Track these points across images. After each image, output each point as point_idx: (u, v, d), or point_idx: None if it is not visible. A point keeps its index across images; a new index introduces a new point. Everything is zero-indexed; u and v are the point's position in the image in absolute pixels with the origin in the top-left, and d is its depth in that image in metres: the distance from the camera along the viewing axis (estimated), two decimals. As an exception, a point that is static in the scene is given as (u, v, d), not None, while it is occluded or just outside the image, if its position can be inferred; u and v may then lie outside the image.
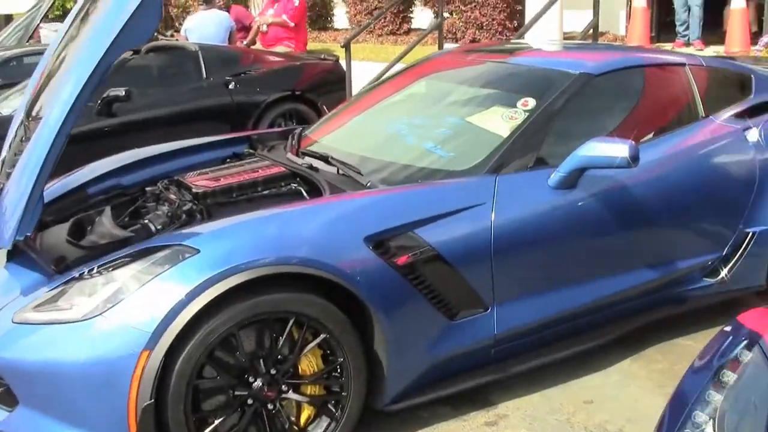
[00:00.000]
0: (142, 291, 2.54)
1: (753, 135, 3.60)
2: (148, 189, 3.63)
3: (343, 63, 7.49)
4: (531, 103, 3.41)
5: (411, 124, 3.74)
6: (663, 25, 9.67)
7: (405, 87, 4.22)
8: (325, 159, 3.48)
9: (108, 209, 3.40)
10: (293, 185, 3.38)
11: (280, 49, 8.74)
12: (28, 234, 2.81)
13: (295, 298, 2.67)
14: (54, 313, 2.61)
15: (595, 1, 7.02)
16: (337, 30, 13.05)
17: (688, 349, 3.59)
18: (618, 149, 3.06)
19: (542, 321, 3.20)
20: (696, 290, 3.60)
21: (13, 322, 2.66)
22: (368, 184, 3.20)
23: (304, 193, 3.30)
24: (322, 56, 7.83)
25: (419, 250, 2.88)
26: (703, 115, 3.67)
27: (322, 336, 2.73)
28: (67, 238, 3.17)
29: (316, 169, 3.44)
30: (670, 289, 3.57)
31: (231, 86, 6.73)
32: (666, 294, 3.56)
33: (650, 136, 3.54)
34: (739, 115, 3.70)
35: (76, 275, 2.71)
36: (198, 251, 2.60)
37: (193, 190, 3.31)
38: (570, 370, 3.39)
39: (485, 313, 3.06)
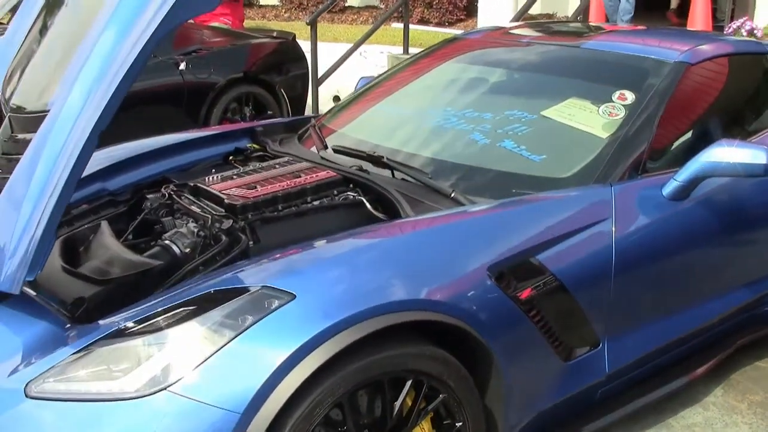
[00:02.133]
0: (220, 356, 1.84)
1: None
2: (150, 197, 2.88)
3: (301, 42, 6.76)
4: (629, 96, 2.87)
5: (465, 117, 3.12)
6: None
7: (438, 71, 3.60)
8: (375, 159, 2.84)
9: (105, 224, 2.65)
10: (351, 195, 2.71)
11: (215, 25, 7.90)
12: (40, 271, 2.04)
13: (416, 352, 2.03)
14: (91, 384, 1.87)
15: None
16: (263, 7, 12.16)
17: (778, 375, 3.23)
18: (753, 155, 2.58)
19: (651, 352, 2.74)
20: None
21: (26, 396, 1.89)
22: (452, 195, 2.59)
23: (367, 205, 2.65)
24: (275, 33, 7.07)
25: (542, 280, 2.31)
26: None
27: (441, 397, 2.11)
28: (62, 264, 2.41)
29: (366, 171, 2.81)
30: (763, 306, 3.16)
31: (182, 66, 5.90)
32: (758, 313, 3.16)
33: (753, 135, 3.08)
34: None
35: (115, 329, 1.97)
36: (293, 296, 1.91)
37: (227, 201, 2.59)
38: (663, 402, 2.92)
39: (596, 349, 2.54)
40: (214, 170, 3.06)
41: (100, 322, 2.05)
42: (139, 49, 1.94)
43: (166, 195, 2.83)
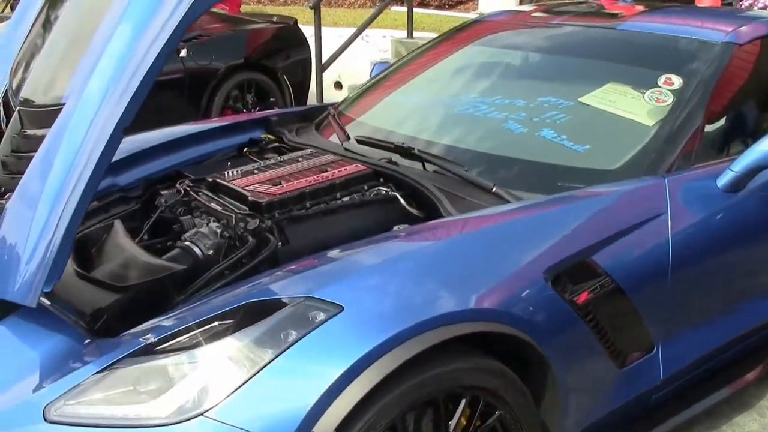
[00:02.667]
0: (262, 377, 1.65)
1: None
2: (164, 193, 2.68)
3: (303, 27, 6.55)
4: (677, 81, 2.69)
5: (495, 105, 2.93)
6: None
7: (461, 56, 3.41)
8: (404, 151, 2.65)
9: (118, 223, 2.45)
10: (384, 190, 2.52)
11: (213, 11, 7.66)
12: (58, 281, 1.85)
13: (471, 366, 1.86)
14: (116, 408, 1.68)
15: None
16: (258, -10, 11.90)
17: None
18: None
19: (705, 355, 2.57)
20: None
21: (45, 419, 1.70)
22: (494, 190, 2.40)
23: (401, 201, 2.46)
24: (275, 18, 6.85)
25: (599, 282, 2.14)
26: None
27: (498, 414, 1.93)
28: (75, 268, 2.22)
29: (395, 164, 2.63)
30: None
31: (183, 53, 5.68)
32: None
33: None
34: None
35: (142, 345, 1.78)
36: (340, 309, 1.73)
37: (251, 199, 2.40)
38: (715, 407, 2.71)
39: (651, 354, 2.37)
40: (229, 163, 2.88)
41: (123, 335, 1.86)
42: (164, 41, 1.76)
43: (182, 191, 2.64)
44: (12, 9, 7.31)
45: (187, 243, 2.32)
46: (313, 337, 1.69)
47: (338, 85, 7.54)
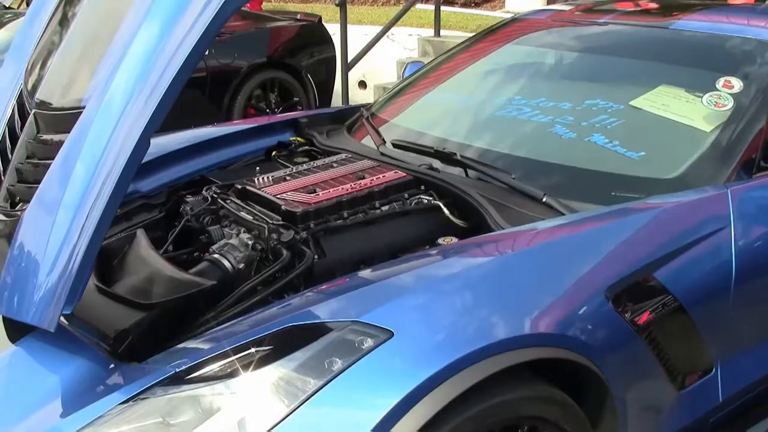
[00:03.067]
0: (304, 411, 1.50)
1: None
2: (190, 200, 2.54)
3: (328, 25, 6.42)
4: (736, 84, 2.52)
5: (539, 107, 2.77)
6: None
7: (500, 55, 3.25)
8: (445, 156, 2.50)
9: (141, 233, 2.30)
10: (425, 198, 2.37)
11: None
12: (78, 300, 1.71)
13: (531, 395, 1.70)
14: None
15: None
16: (278, -12, 11.77)
17: None
18: None
19: (765, 375, 2.40)
20: None
21: None
22: (544, 199, 2.25)
23: (445, 210, 2.31)
24: (299, 16, 6.72)
25: (661, 301, 1.98)
26: None
27: (556, 446, 1.78)
28: (96, 283, 2.07)
29: (436, 170, 2.48)
30: None
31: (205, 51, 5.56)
32: None
33: None
34: None
35: (172, 372, 1.64)
36: (390, 335, 1.58)
37: (284, 208, 2.26)
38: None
39: (709, 375, 2.21)
40: (258, 168, 2.73)
41: (150, 360, 1.72)
42: (197, 36, 1.63)
43: (209, 198, 2.50)
44: (28, 5, 7.21)
45: (215, 255, 2.17)
46: (360, 366, 1.53)
47: (363, 84, 7.40)
